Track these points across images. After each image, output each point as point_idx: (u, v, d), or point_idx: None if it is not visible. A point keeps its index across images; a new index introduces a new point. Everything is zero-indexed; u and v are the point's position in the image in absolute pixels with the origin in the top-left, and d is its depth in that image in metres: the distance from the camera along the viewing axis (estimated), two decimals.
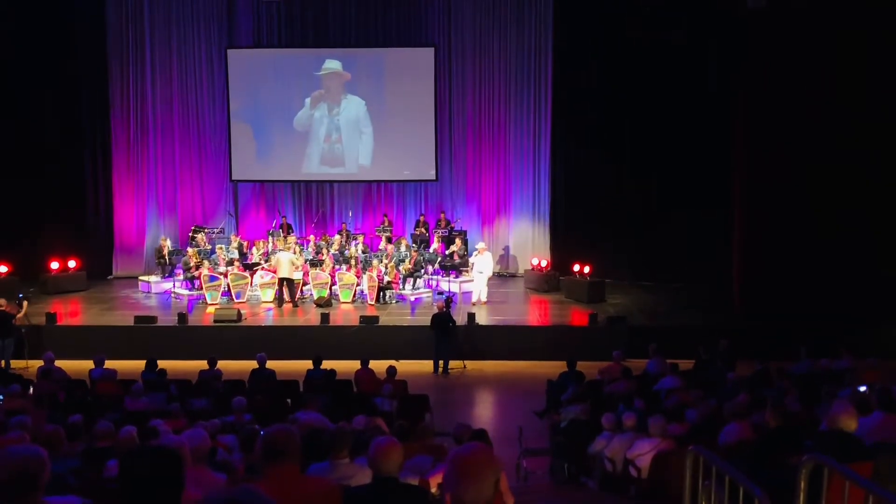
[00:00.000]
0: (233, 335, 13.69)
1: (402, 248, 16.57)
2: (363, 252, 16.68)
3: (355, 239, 17.30)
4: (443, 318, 13.04)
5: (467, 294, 15.97)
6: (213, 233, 17.61)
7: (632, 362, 11.34)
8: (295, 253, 15.77)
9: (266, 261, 16.26)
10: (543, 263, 17.35)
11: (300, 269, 15.66)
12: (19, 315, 13.16)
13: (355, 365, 11.11)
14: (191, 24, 18.29)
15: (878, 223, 13.97)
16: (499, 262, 18.40)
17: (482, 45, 18.22)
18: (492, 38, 18.16)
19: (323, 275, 15.65)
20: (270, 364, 10.90)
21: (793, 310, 13.72)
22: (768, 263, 14.42)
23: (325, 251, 16.50)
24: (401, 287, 16.02)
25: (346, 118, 18.51)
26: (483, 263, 15.62)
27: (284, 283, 15.29)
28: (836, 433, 4.75)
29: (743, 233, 14.86)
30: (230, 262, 16.11)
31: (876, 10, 13.48)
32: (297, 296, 15.51)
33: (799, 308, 13.66)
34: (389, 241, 17.18)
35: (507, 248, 18.73)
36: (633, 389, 9.34)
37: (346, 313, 14.88)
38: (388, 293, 15.54)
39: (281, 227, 17.82)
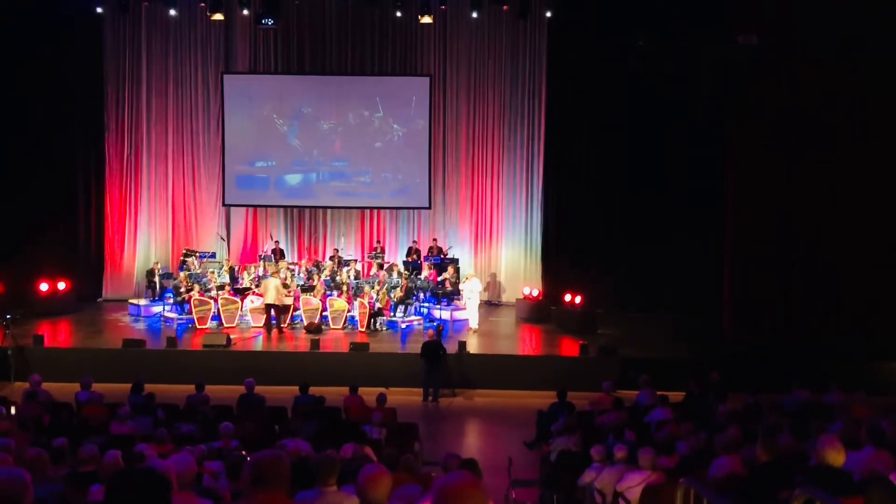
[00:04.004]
0: (221, 360, 13.59)
1: (394, 275, 16.55)
2: (355, 278, 16.65)
3: (347, 265, 17.27)
4: (433, 347, 13.00)
5: (458, 322, 15.97)
6: (205, 256, 17.54)
7: (622, 393, 11.31)
8: (286, 278, 15.71)
9: (257, 286, 16.21)
10: (535, 293, 17.35)
11: (292, 294, 15.60)
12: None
13: (344, 392, 11.04)
14: (187, 48, 18.37)
15: (871, 258, 14.03)
16: (489, 290, 18.39)
17: (477, 75, 18.37)
18: (486, 68, 18.33)
19: (314, 300, 15.60)
20: (259, 390, 10.82)
21: (782, 343, 13.73)
22: (758, 296, 14.45)
23: (316, 277, 16.46)
24: (392, 314, 15.98)
25: (339, 143, 18.56)
26: (472, 289, 15.68)
27: (272, 308, 15.20)
28: (825, 468, 4.73)
29: (733, 265, 14.92)
30: (221, 287, 16.04)
31: (869, 43, 13.63)
32: (287, 322, 15.44)
33: (789, 341, 13.67)
34: (381, 267, 17.16)
35: (498, 277, 18.74)
36: (623, 421, 9.29)
37: (336, 339, 14.82)
38: (378, 320, 15.50)
39: (273, 251, 17.78)
